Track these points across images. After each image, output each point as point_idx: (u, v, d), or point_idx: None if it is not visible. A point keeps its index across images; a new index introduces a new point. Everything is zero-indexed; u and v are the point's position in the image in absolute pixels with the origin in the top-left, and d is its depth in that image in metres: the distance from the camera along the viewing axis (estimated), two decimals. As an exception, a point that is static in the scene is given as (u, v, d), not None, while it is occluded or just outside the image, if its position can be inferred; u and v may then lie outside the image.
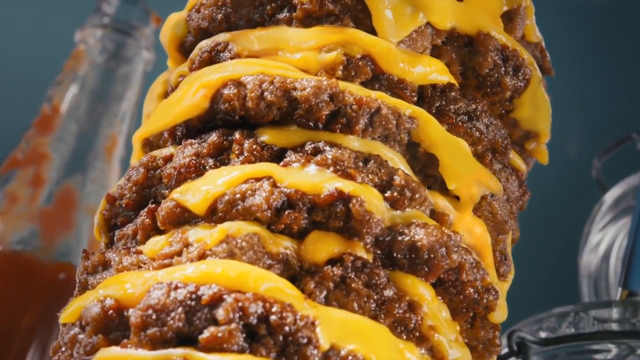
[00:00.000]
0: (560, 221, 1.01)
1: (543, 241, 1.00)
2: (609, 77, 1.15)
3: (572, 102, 1.12)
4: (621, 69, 1.15)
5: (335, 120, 0.54)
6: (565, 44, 1.15)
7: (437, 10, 0.57)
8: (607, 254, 0.87)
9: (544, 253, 0.98)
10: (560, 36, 1.15)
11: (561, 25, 1.17)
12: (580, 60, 1.15)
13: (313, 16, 0.57)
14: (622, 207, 0.86)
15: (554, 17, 1.14)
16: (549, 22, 1.00)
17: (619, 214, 0.86)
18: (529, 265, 0.94)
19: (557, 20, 1.16)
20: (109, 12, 0.98)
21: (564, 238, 0.97)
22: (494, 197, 0.57)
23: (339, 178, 0.52)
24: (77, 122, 0.93)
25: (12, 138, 0.94)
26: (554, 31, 1.04)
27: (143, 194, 0.57)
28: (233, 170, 0.53)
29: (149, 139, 0.59)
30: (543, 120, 0.61)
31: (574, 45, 1.17)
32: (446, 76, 0.57)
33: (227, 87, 0.55)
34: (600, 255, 0.87)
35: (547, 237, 1.01)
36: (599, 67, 1.13)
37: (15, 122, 0.97)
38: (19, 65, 1.17)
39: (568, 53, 1.14)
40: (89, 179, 0.91)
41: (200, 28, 0.60)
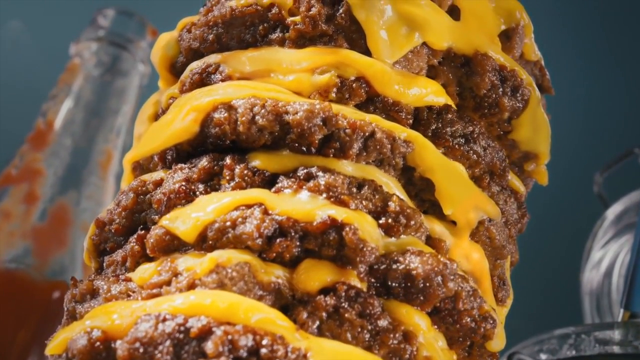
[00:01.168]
0: (562, 237, 1.00)
1: (544, 257, 0.99)
2: (611, 92, 1.14)
3: (573, 116, 1.11)
4: (623, 84, 1.14)
5: (328, 145, 0.53)
6: (567, 59, 1.14)
7: (433, 29, 0.56)
8: (610, 271, 0.86)
9: (545, 269, 0.96)
10: (561, 51, 1.14)
11: (563, 40, 1.16)
12: (582, 75, 1.14)
13: (306, 37, 0.56)
14: (624, 223, 0.84)
15: (555, 32, 1.13)
16: (550, 37, 0.99)
17: (621, 230, 0.84)
18: (530, 281, 0.93)
19: (558, 35, 1.15)
20: (105, 25, 0.97)
21: (566, 254, 0.95)
22: (491, 222, 0.56)
23: (332, 205, 0.51)
24: (71, 137, 0.92)
25: (6, 154, 0.93)
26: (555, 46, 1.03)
27: (133, 219, 0.56)
28: (223, 197, 0.52)
29: (139, 162, 0.58)
30: (542, 141, 0.60)
31: (575, 60, 1.15)
32: (442, 97, 0.56)
33: (218, 111, 0.53)
34: (602, 272, 0.85)
35: (549, 253, 1.00)
36: (601, 81, 1.12)
37: (9, 137, 0.95)
38: (13, 79, 1.16)
39: (570, 68, 1.13)
40: (84, 196, 0.89)
41: (192, 48, 0.58)
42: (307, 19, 0.56)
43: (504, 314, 0.58)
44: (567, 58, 1.15)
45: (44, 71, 1.00)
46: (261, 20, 0.57)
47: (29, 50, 1.17)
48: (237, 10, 0.57)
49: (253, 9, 0.57)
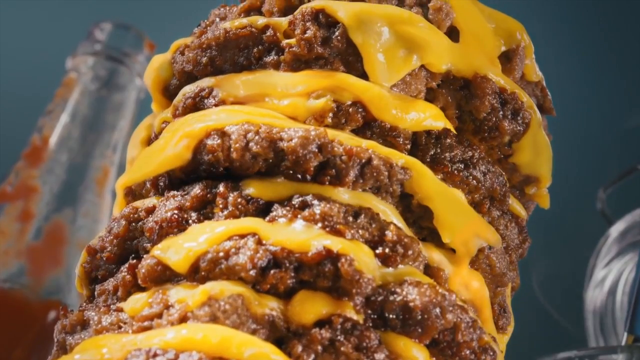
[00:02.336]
0: (565, 254, 0.99)
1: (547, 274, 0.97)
2: (615, 108, 1.13)
3: (577, 132, 1.10)
4: (628, 100, 1.12)
5: (324, 172, 0.51)
6: (569, 74, 1.13)
7: (432, 51, 0.55)
8: (613, 289, 0.84)
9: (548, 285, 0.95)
10: (565, 67, 1.13)
11: (565, 56, 1.15)
12: (586, 90, 1.13)
13: (302, 60, 0.55)
14: (627, 241, 0.83)
15: (556, 47, 1.12)
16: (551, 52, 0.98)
17: (624, 248, 0.83)
18: (533, 299, 0.91)
19: (559, 51, 1.14)
20: (101, 38, 0.96)
21: (569, 271, 0.94)
22: (491, 250, 0.54)
23: (328, 234, 0.49)
24: (67, 153, 0.91)
25: (1, 170, 0.91)
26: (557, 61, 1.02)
27: (124, 246, 0.54)
28: (216, 226, 0.50)
29: (132, 187, 0.57)
30: (543, 165, 0.59)
31: (578, 75, 1.14)
32: (441, 122, 0.55)
33: (211, 138, 0.52)
34: (605, 290, 0.84)
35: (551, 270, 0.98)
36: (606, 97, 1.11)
37: (5, 153, 0.94)
38: (9, 94, 1.15)
39: (573, 84, 1.12)
40: (80, 213, 0.88)
41: (185, 71, 0.57)
42: (302, 41, 0.54)
43: (504, 342, 0.57)
44: (569, 73, 1.13)
45: (41, 85, 0.99)
46: (256, 42, 0.56)
47: (25, 63, 1.16)
48: (231, 33, 0.56)
49: (247, 31, 0.56)
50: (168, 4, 1.20)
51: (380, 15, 0.55)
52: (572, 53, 1.17)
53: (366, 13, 0.54)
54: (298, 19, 0.55)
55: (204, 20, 0.61)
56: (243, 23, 0.56)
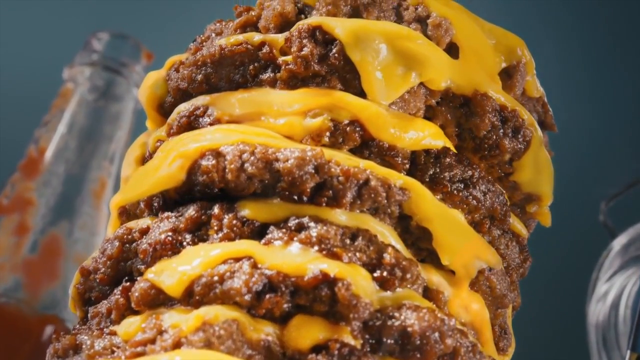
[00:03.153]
0: (567, 267, 0.98)
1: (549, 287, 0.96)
2: (618, 120, 1.12)
3: (579, 144, 1.09)
4: (631, 112, 1.12)
5: (320, 193, 0.50)
6: (572, 87, 1.12)
7: (430, 69, 0.54)
8: (616, 303, 0.83)
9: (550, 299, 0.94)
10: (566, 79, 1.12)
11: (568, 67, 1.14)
12: (588, 103, 1.12)
13: (298, 77, 0.54)
14: (630, 254, 0.82)
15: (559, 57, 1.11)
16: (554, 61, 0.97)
17: (627, 262, 0.82)
18: (536, 312, 0.90)
19: (563, 61, 1.13)
20: (98, 48, 0.95)
21: (571, 285, 0.93)
22: (492, 271, 0.53)
23: (324, 258, 0.49)
24: (64, 165, 0.90)
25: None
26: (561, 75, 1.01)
27: (118, 268, 0.54)
28: (211, 249, 0.49)
29: (126, 207, 0.56)
30: (545, 183, 0.58)
31: (580, 87, 1.13)
32: (440, 140, 0.54)
33: (205, 158, 0.51)
34: (608, 304, 0.83)
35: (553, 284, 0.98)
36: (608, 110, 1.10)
37: (0, 165, 0.93)
38: (5, 104, 1.14)
39: (574, 95, 1.11)
40: (77, 226, 0.87)
41: (180, 89, 0.56)
42: (299, 59, 0.53)
43: (505, 364, 0.56)
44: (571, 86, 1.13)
45: (37, 96, 0.98)
46: (251, 59, 0.55)
47: (21, 73, 1.15)
48: (226, 50, 0.55)
49: (243, 48, 0.55)
50: (166, 13, 1.19)
51: (378, 32, 0.54)
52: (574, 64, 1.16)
53: (364, 30, 0.54)
54: (294, 36, 0.54)
55: (199, 35, 0.60)
56: (239, 40, 0.55)
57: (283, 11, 0.56)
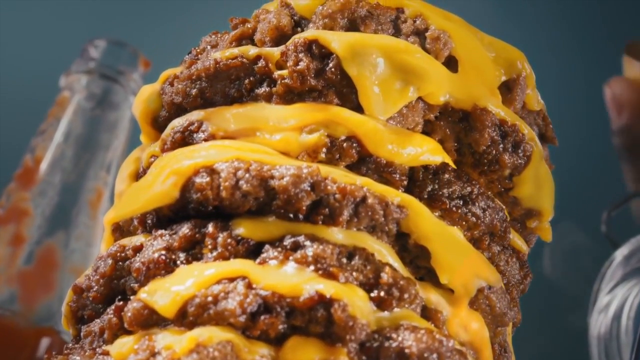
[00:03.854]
0: (569, 278, 0.97)
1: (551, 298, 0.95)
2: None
3: (581, 153, 1.08)
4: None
5: (317, 211, 0.50)
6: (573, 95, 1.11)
7: (429, 83, 0.53)
8: (618, 314, 0.82)
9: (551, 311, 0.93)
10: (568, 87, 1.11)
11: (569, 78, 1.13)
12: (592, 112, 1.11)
13: (294, 92, 0.53)
14: (632, 265, 0.81)
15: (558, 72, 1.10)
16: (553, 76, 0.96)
17: (629, 273, 0.81)
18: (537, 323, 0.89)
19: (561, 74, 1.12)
20: (95, 56, 0.94)
21: (573, 295, 0.92)
22: (491, 290, 0.53)
23: (320, 278, 0.48)
24: (60, 175, 0.89)
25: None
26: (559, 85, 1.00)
27: (111, 286, 0.53)
28: (205, 269, 0.49)
29: (119, 223, 0.55)
30: (546, 198, 0.57)
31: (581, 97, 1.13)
32: (439, 156, 0.53)
33: (200, 175, 0.50)
34: (610, 316, 0.82)
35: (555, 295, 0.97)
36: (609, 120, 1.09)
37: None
38: (1, 113, 1.13)
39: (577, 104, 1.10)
40: (73, 236, 0.86)
41: (174, 103, 0.55)
42: (295, 73, 0.52)
43: (505, 382, 0.55)
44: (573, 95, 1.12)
45: (33, 104, 0.97)
46: (247, 73, 0.54)
47: (17, 82, 1.14)
48: (221, 63, 0.54)
49: (238, 62, 0.54)
50: (164, 20, 1.18)
51: (376, 45, 0.53)
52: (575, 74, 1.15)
53: (361, 44, 0.53)
54: (290, 50, 0.53)
55: (195, 47, 0.59)
56: (234, 53, 0.54)
57: (279, 24, 0.55)
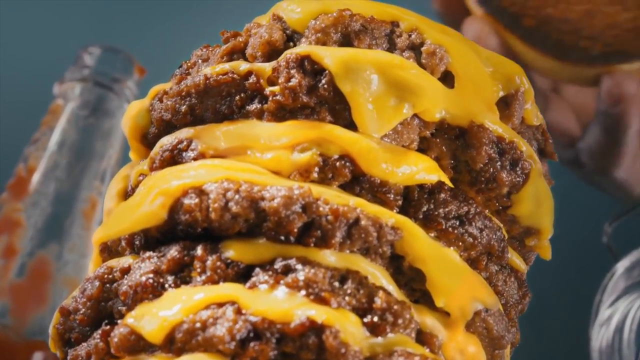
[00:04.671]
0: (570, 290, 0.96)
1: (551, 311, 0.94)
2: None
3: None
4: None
5: (308, 233, 0.48)
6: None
7: (424, 100, 0.52)
8: (620, 327, 0.81)
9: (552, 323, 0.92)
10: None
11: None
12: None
13: (286, 109, 0.51)
14: (634, 277, 0.79)
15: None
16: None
17: (631, 286, 0.79)
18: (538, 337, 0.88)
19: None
20: (90, 63, 0.92)
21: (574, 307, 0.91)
22: (488, 312, 0.51)
23: (312, 303, 0.46)
24: (54, 184, 0.87)
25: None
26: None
27: (98, 308, 0.51)
28: (193, 294, 0.47)
29: (107, 243, 0.54)
30: (545, 216, 0.55)
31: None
32: (435, 175, 0.51)
33: (188, 197, 0.49)
34: (612, 328, 0.81)
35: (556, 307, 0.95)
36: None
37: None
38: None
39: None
40: (66, 248, 0.85)
41: (163, 120, 0.54)
42: (286, 90, 0.51)
43: (504, 405, 0.54)
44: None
45: (27, 113, 0.95)
46: (238, 90, 0.53)
47: (10, 90, 1.13)
48: (211, 79, 0.53)
49: (229, 78, 0.53)
50: (159, 27, 1.16)
51: (370, 61, 0.51)
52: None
53: (354, 59, 0.51)
54: (282, 66, 0.52)
55: (185, 61, 0.58)
56: (224, 69, 0.53)
57: (270, 39, 0.53)
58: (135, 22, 1.15)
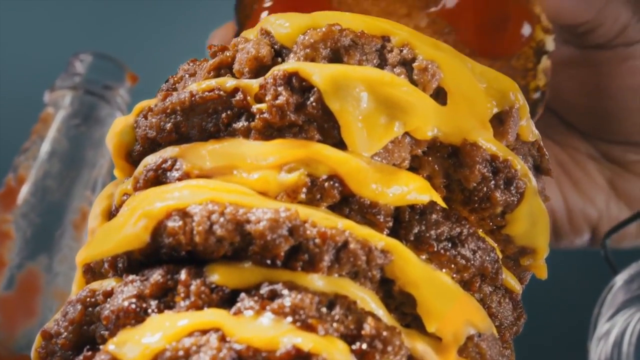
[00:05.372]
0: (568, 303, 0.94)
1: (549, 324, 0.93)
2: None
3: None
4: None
5: (296, 257, 0.47)
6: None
7: (416, 118, 0.50)
8: (619, 341, 0.80)
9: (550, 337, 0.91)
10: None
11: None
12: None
13: (274, 127, 0.50)
14: (633, 291, 0.78)
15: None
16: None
17: (629, 300, 0.78)
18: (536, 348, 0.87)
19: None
20: (81, 71, 0.91)
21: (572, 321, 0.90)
22: (481, 337, 0.50)
23: (298, 330, 0.45)
24: (43, 195, 0.86)
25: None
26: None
27: (81, 332, 0.50)
28: (177, 320, 0.46)
29: (91, 265, 0.52)
30: (540, 235, 0.54)
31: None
32: (426, 195, 0.50)
33: (172, 219, 0.48)
34: (611, 342, 0.79)
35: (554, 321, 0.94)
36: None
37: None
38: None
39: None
40: (56, 260, 0.83)
41: (148, 137, 0.52)
42: (273, 108, 0.50)
43: None
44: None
45: (17, 121, 0.94)
46: (224, 107, 0.51)
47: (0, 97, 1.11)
48: (197, 96, 0.51)
49: (215, 95, 0.51)
50: (151, 34, 1.15)
51: (359, 78, 0.50)
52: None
53: (343, 76, 0.50)
54: (269, 83, 0.50)
55: (172, 76, 0.56)
56: (210, 85, 0.51)
57: (258, 55, 0.52)
58: (127, 28, 1.13)
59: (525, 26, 0.66)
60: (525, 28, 0.66)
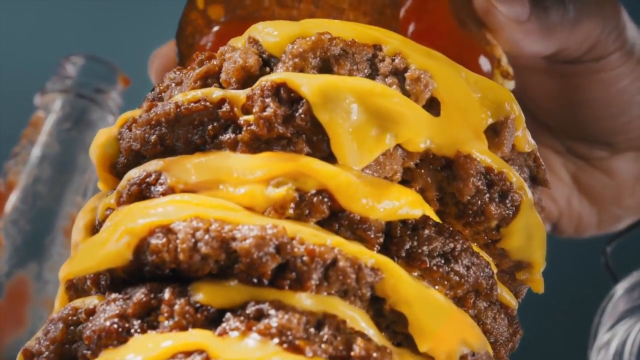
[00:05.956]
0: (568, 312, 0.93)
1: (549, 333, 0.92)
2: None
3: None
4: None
5: (283, 275, 0.45)
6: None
7: (408, 130, 0.49)
8: (620, 351, 0.78)
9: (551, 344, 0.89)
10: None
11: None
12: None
13: (261, 139, 0.48)
14: (634, 300, 0.77)
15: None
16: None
17: (630, 309, 0.77)
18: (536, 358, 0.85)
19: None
20: (72, 74, 0.89)
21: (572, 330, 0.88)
22: (475, 356, 0.48)
23: (285, 353, 0.43)
24: (33, 201, 0.84)
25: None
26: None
27: (62, 351, 0.49)
28: (160, 341, 0.44)
29: (73, 281, 0.51)
30: (536, 249, 0.52)
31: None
32: (419, 209, 0.49)
33: (155, 236, 0.46)
34: (611, 352, 0.78)
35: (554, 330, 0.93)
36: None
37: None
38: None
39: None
40: (46, 268, 0.82)
41: (132, 150, 0.51)
42: (261, 120, 0.48)
43: None
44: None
45: (6, 125, 0.93)
46: (210, 119, 0.50)
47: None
48: (182, 107, 0.50)
49: (201, 106, 0.50)
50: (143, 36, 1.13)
51: (349, 89, 0.48)
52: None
53: (333, 87, 0.48)
54: (257, 94, 0.49)
55: (158, 85, 0.55)
56: (196, 96, 0.50)
57: (245, 65, 0.50)
58: (119, 31, 1.12)
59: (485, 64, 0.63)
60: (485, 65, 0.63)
